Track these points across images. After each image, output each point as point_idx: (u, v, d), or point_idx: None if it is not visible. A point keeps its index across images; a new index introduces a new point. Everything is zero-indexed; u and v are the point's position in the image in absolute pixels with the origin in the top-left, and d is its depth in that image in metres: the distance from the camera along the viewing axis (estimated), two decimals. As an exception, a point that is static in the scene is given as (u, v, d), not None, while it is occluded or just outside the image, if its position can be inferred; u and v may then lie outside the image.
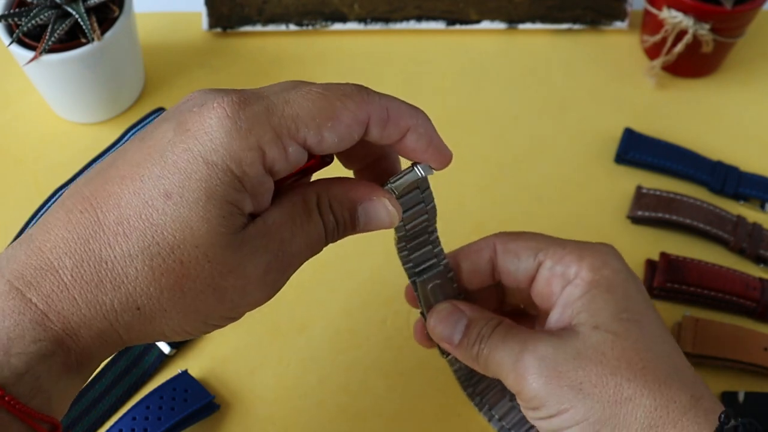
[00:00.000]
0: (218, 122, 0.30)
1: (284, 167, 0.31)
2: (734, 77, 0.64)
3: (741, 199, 0.57)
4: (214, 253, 0.30)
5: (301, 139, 0.31)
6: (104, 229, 0.30)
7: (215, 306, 0.32)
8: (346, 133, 0.32)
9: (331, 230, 0.34)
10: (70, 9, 0.54)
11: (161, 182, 0.30)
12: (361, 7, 0.66)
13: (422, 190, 0.37)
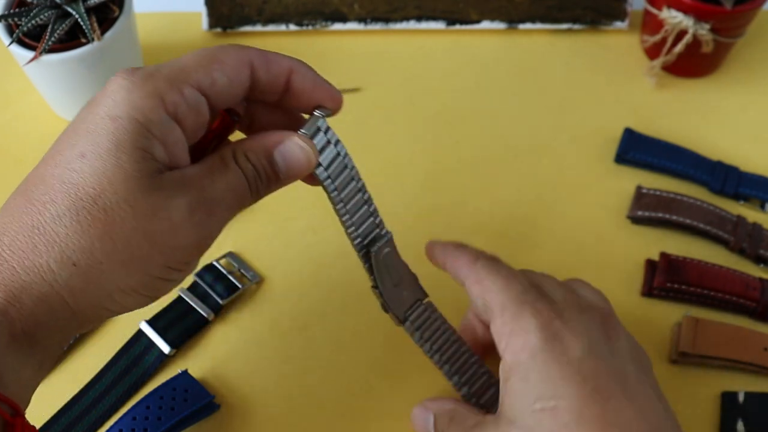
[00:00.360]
0: (117, 86, 0.33)
1: (186, 111, 0.33)
2: (734, 77, 0.64)
3: (741, 199, 0.57)
4: (134, 197, 0.32)
5: (194, 82, 0.34)
6: (33, 202, 0.32)
7: (149, 252, 0.33)
8: (234, 72, 0.35)
9: (252, 178, 0.35)
10: (70, 9, 0.54)
11: (76, 147, 0.32)
12: (361, 7, 0.66)
13: (334, 143, 0.38)
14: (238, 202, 0.35)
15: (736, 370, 0.49)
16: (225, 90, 0.35)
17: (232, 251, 0.54)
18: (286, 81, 0.36)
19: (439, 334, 0.46)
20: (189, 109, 0.34)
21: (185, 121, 0.34)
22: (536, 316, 0.38)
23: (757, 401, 0.47)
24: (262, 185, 0.36)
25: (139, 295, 0.34)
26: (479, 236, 0.55)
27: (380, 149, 0.60)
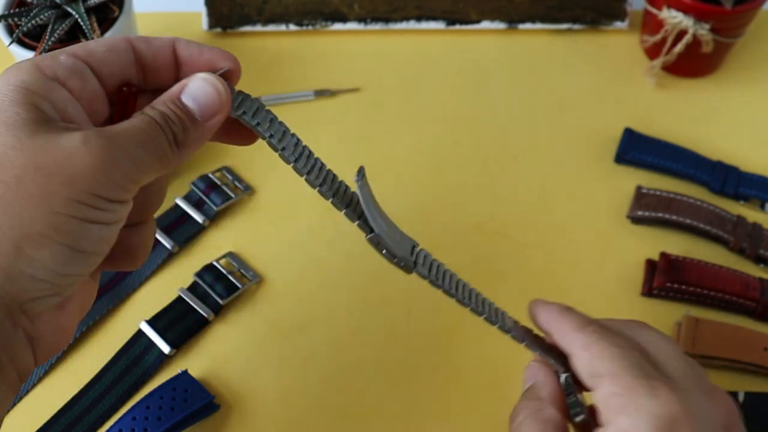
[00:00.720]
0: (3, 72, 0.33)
1: (66, 74, 0.33)
2: (734, 77, 0.64)
3: (741, 199, 0.57)
4: (20, 141, 0.31)
5: (69, 51, 0.34)
6: None
7: (45, 184, 0.31)
8: (111, 43, 0.35)
9: (163, 122, 0.34)
10: (70, 9, 0.54)
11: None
12: (361, 7, 0.66)
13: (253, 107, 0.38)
14: (151, 140, 0.33)
15: (736, 370, 0.49)
16: (107, 58, 0.35)
17: (232, 251, 0.54)
18: (172, 54, 0.36)
19: (450, 276, 0.43)
20: (68, 71, 0.33)
21: (69, 83, 0.33)
22: (653, 396, 0.34)
23: (757, 401, 0.47)
24: (178, 128, 0.34)
25: (54, 242, 0.31)
26: (479, 236, 0.55)
27: (380, 149, 0.60)
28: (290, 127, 0.40)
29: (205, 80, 0.35)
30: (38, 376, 0.49)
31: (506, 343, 0.50)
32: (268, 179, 0.58)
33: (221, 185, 0.57)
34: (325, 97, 0.63)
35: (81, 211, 0.31)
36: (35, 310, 0.32)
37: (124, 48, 0.35)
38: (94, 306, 0.52)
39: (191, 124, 0.35)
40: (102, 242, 0.32)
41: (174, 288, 0.52)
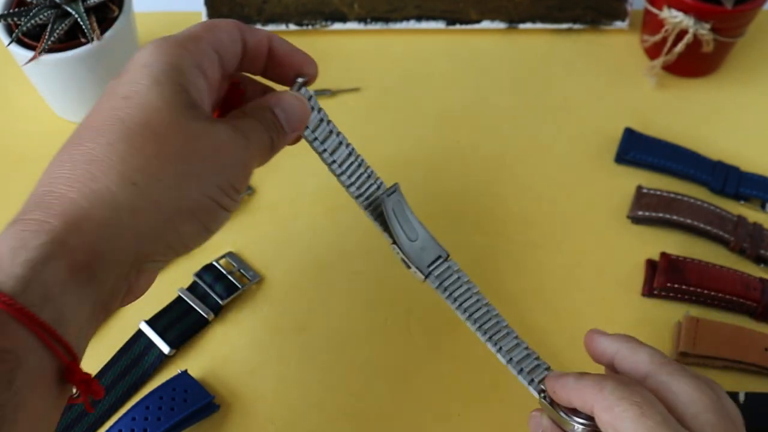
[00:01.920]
0: (146, 47, 0.36)
1: (207, 64, 0.37)
2: (735, 77, 0.64)
3: (741, 199, 0.57)
4: (179, 122, 0.34)
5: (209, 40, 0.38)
6: (84, 142, 0.33)
7: (202, 168, 0.34)
8: (232, 34, 0.39)
9: (267, 126, 0.38)
10: (70, 9, 0.53)
11: (117, 93, 0.35)
12: (361, 6, 0.66)
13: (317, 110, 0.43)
14: (263, 144, 0.38)
15: (737, 370, 0.49)
16: (229, 49, 0.38)
17: (231, 251, 0.54)
18: (267, 47, 0.40)
19: (467, 293, 0.45)
20: (209, 62, 0.37)
21: (207, 73, 0.37)
22: None
23: (758, 402, 0.47)
24: (276, 135, 0.38)
25: (198, 221, 0.35)
26: (479, 236, 0.55)
27: (380, 149, 0.60)
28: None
29: (296, 98, 0.40)
30: (38, 377, 0.49)
31: (506, 344, 0.50)
32: (268, 179, 0.58)
33: (221, 185, 0.57)
34: (325, 97, 0.63)
35: (221, 198, 0.35)
36: (148, 269, 0.35)
37: (238, 37, 0.39)
38: (93, 306, 0.52)
39: (282, 134, 0.39)
40: (220, 226, 0.36)
41: (173, 288, 0.52)
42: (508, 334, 0.45)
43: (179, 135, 0.34)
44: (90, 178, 0.32)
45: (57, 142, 0.60)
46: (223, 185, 0.35)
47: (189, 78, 0.35)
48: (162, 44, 0.36)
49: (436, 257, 0.45)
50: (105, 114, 0.34)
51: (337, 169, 0.44)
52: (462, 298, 0.45)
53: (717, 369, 0.49)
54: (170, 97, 0.34)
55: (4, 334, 0.29)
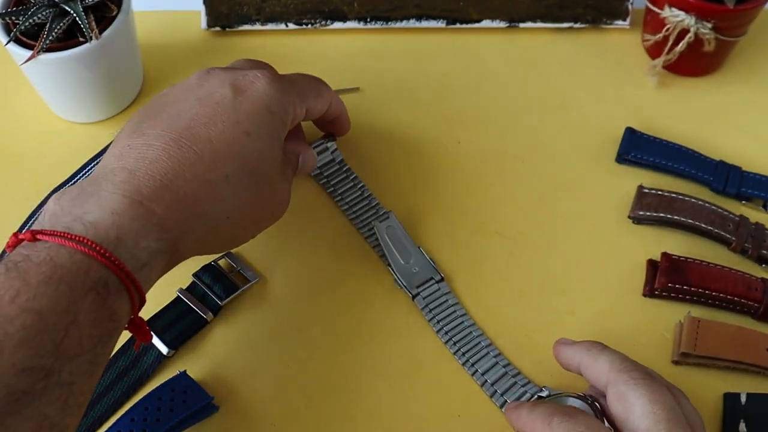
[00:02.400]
0: (268, 85, 0.45)
1: (295, 121, 0.48)
2: (736, 76, 0.64)
3: (743, 199, 0.57)
4: (275, 170, 0.45)
5: (309, 105, 0.49)
6: (203, 159, 0.41)
7: (270, 200, 0.45)
8: (323, 105, 0.51)
9: (294, 165, 0.50)
10: (68, 8, 0.53)
11: (240, 126, 0.43)
12: (361, 5, 0.66)
13: (332, 151, 0.57)
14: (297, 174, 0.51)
15: (738, 371, 0.49)
16: (315, 113, 0.50)
17: (231, 251, 0.54)
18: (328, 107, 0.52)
19: (451, 315, 0.50)
20: (297, 118, 0.48)
21: (290, 124, 0.47)
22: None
23: (759, 402, 0.47)
24: (296, 171, 0.50)
25: (235, 243, 0.46)
26: (479, 236, 0.55)
27: (380, 149, 0.60)
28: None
29: (312, 156, 0.52)
30: (36, 377, 0.49)
31: (508, 343, 0.50)
32: (267, 179, 0.58)
33: (220, 185, 0.56)
34: (324, 97, 0.63)
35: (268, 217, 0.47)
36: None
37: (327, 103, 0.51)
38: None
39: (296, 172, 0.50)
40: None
41: (172, 288, 0.52)
42: (487, 354, 0.49)
43: (273, 182, 0.44)
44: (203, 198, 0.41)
45: (55, 142, 0.60)
46: (271, 210, 0.46)
47: (289, 127, 0.46)
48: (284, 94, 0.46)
49: (427, 279, 0.51)
50: (228, 139, 0.42)
51: (338, 200, 0.56)
52: (445, 321, 0.50)
53: (718, 369, 0.49)
54: (277, 151, 0.45)
55: (116, 297, 0.36)
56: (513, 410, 0.43)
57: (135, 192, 0.39)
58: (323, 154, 0.57)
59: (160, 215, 0.39)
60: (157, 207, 0.39)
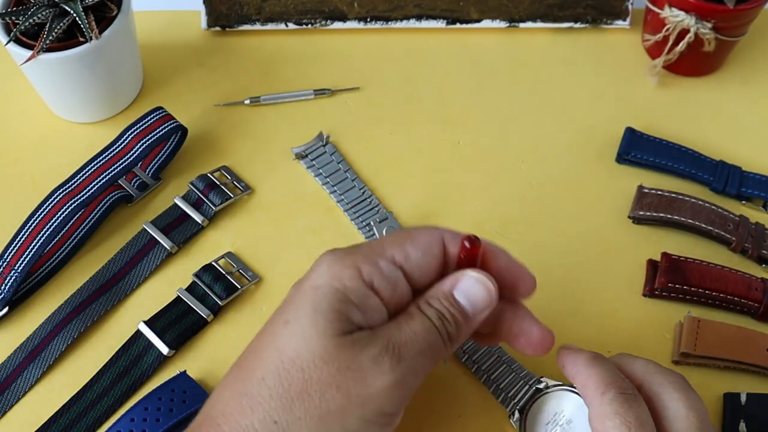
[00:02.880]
0: (322, 260, 0.37)
1: (382, 282, 0.37)
2: (736, 76, 0.64)
3: (743, 199, 0.57)
4: (328, 354, 0.35)
5: (389, 256, 0.37)
6: (244, 369, 0.36)
7: (343, 404, 0.34)
8: (426, 246, 0.38)
9: (439, 322, 0.37)
10: (68, 7, 0.53)
11: (281, 316, 0.37)
12: (361, 5, 0.66)
13: (331, 153, 0.56)
14: (429, 347, 0.36)
15: (738, 371, 0.49)
16: (420, 262, 0.38)
17: (231, 251, 0.54)
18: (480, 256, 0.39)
19: None
20: (384, 279, 0.37)
21: (382, 291, 0.37)
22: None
23: (759, 402, 0.47)
24: (452, 327, 0.37)
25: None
26: (479, 236, 0.55)
27: (380, 149, 0.60)
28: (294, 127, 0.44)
29: (477, 280, 0.38)
30: (36, 377, 0.49)
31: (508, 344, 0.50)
32: (267, 179, 0.58)
33: (220, 185, 0.56)
34: (324, 97, 0.63)
35: (368, 428, 0.35)
36: None
37: (437, 250, 0.38)
38: (91, 306, 0.52)
39: (463, 321, 0.37)
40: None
41: (172, 288, 0.52)
42: (488, 350, 0.48)
43: (324, 371, 0.34)
44: (240, 411, 0.35)
45: (55, 142, 0.60)
46: (369, 417, 0.34)
47: (356, 300, 0.36)
48: (335, 262, 0.37)
49: None
50: (268, 336, 0.36)
51: (342, 204, 0.54)
52: None
53: (718, 369, 0.49)
54: (324, 327, 0.35)
55: None
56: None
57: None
58: (322, 156, 0.57)
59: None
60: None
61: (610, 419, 0.37)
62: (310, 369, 0.34)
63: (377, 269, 0.36)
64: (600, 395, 0.38)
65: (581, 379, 0.39)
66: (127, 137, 0.56)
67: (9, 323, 0.52)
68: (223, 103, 0.62)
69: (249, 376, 0.35)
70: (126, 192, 0.57)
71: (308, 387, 0.34)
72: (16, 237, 0.52)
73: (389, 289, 0.37)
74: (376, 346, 0.35)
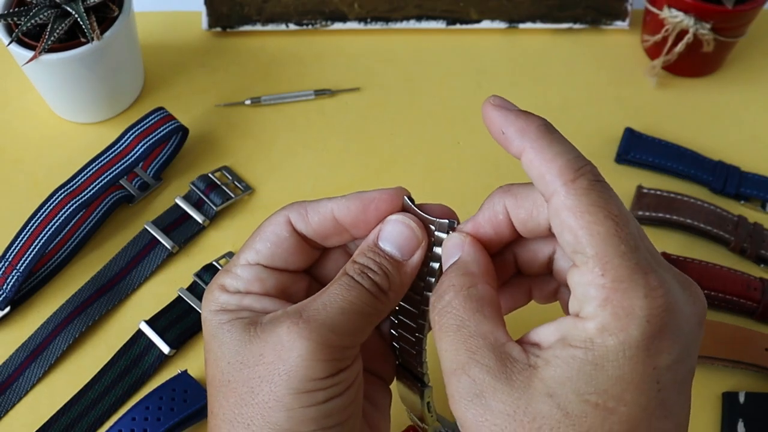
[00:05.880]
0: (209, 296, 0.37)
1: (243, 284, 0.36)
2: (735, 77, 0.64)
3: (742, 199, 0.57)
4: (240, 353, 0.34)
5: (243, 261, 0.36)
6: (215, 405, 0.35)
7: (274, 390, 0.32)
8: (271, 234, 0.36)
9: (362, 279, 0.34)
10: (70, 8, 0.53)
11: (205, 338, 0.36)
12: (361, 6, 0.66)
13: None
14: (352, 303, 0.33)
15: (737, 370, 0.49)
16: (272, 250, 0.36)
17: (231, 251, 0.54)
18: (333, 220, 0.36)
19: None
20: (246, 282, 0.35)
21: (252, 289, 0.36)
22: (648, 297, 0.29)
23: (758, 402, 0.47)
24: (380, 276, 0.34)
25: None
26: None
27: (380, 149, 0.60)
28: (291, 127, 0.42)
29: (397, 221, 0.35)
30: (38, 377, 0.49)
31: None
32: (268, 179, 0.58)
33: (221, 185, 0.57)
34: (325, 97, 0.63)
35: (311, 399, 0.32)
36: None
37: (286, 232, 0.36)
38: (93, 306, 0.52)
39: (394, 268, 0.35)
40: (345, 409, 0.33)
41: (174, 288, 0.52)
42: None
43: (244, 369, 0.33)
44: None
45: (56, 142, 0.60)
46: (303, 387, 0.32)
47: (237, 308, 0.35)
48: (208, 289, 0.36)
49: None
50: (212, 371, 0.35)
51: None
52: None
53: (717, 369, 0.49)
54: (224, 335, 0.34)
55: None
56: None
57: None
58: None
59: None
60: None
61: (591, 213, 0.29)
62: (235, 378, 0.33)
63: (236, 278, 0.36)
64: (570, 182, 0.30)
65: (537, 161, 0.31)
66: (128, 137, 0.56)
67: (11, 323, 0.52)
68: (223, 104, 0.62)
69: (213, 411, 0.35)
70: (127, 192, 0.57)
71: (237, 391, 0.33)
72: (18, 237, 0.52)
73: (257, 285, 0.35)
74: (284, 322, 0.33)
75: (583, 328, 0.29)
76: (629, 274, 0.29)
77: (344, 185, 0.57)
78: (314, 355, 0.32)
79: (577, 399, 0.29)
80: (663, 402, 0.29)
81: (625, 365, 0.29)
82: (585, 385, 0.29)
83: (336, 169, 0.59)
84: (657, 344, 0.29)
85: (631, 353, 0.29)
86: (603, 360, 0.29)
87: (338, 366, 0.33)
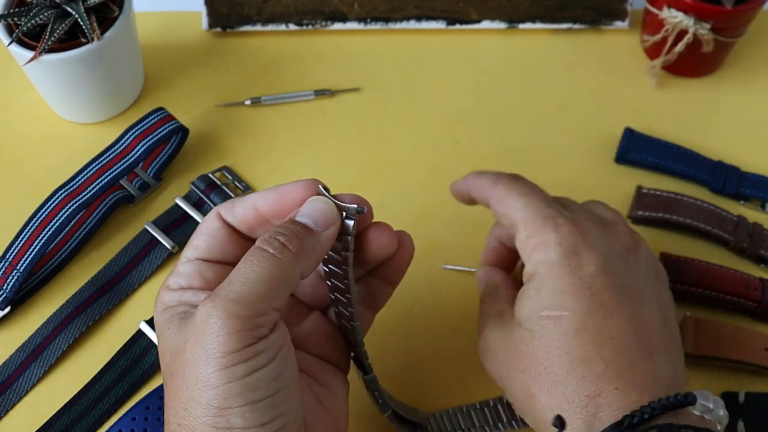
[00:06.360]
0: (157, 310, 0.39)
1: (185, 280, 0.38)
2: (735, 77, 0.64)
3: (742, 199, 0.57)
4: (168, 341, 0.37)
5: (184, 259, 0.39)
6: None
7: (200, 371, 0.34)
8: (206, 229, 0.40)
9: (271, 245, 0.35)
10: (70, 9, 0.53)
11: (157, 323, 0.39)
12: (361, 6, 0.66)
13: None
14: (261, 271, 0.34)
15: (737, 370, 0.49)
16: (209, 243, 0.38)
17: (231, 251, 0.54)
18: (255, 210, 0.38)
19: None
20: (187, 277, 0.38)
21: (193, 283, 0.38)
22: (557, 230, 0.40)
23: (757, 401, 0.47)
24: (292, 241, 0.35)
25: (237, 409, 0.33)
26: (479, 236, 0.55)
27: (380, 149, 0.60)
28: (291, 128, 0.42)
29: (314, 200, 0.37)
30: (38, 377, 0.49)
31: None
32: (268, 179, 0.58)
33: (221, 185, 0.57)
34: (325, 97, 0.63)
35: (232, 373, 0.33)
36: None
37: (219, 225, 0.39)
38: (93, 306, 0.52)
39: (307, 233, 0.36)
40: (279, 378, 0.34)
41: (174, 288, 0.52)
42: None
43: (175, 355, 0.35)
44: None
45: (56, 142, 0.60)
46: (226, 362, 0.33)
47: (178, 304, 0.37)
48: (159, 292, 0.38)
49: None
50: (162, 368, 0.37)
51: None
52: None
53: (717, 369, 0.49)
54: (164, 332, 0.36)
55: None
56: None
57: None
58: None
59: None
60: None
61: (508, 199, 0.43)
62: (173, 369, 0.35)
63: (177, 275, 0.38)
64: (494, 186, 0.44)
65: (474, 188, 0.46)
66: (128, 138, 0.56)
67: (11, 323, 0.52)
68: (224, 104, 0.62)
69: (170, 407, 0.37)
70: (127, 192, 0.57)
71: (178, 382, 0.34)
72: (18, 237, 0.52)
73: (198, 279, 0.38)
74: (201, 306, 0.34)
75: (527, 272, 0.41)
76: (541, 221, 0.41)
77: (344, 185, 0.57)
78: (224, 329, 0.33)
79: (535, 318, 0.39)
80: (602, 303, 0.39)
81: (555, 281, 0.39)
82: (537, 306, 0.40)
83: (336, 169, 0.59)
84: (576, 260, 0.40)
85: (555, 271, 0.40)
86: (541, 284, 0.40)
87: (252, 335, 0.33)
